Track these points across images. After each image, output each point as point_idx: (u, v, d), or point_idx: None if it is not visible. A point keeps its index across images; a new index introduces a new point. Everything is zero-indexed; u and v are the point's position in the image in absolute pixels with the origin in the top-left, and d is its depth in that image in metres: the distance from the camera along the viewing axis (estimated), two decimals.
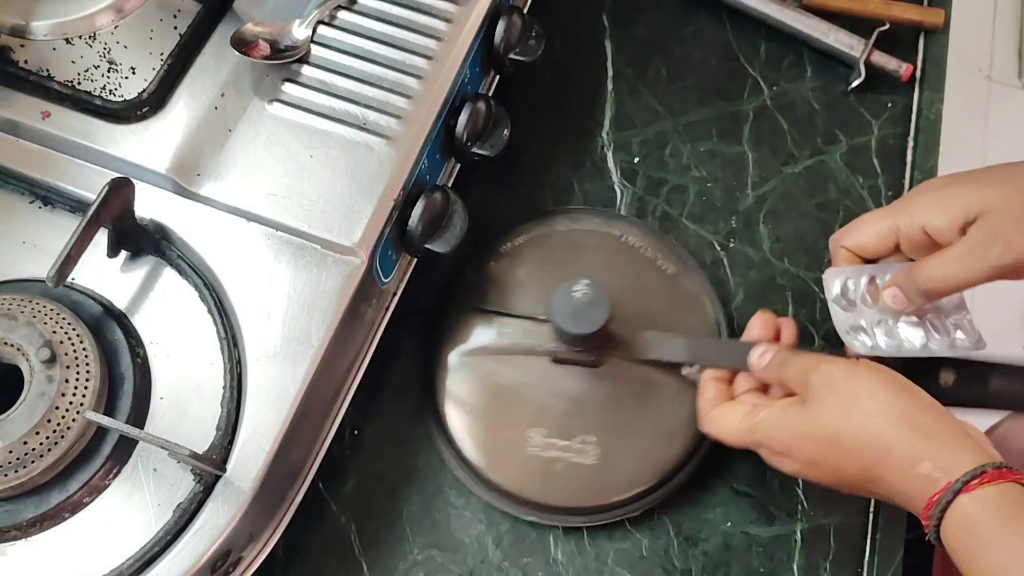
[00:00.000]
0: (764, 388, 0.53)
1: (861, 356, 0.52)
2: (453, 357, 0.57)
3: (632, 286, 0.59)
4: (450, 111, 0.57)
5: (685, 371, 0.56)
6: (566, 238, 0.61)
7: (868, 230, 0.53)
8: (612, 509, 0.55)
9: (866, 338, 0.53)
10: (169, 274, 0.52)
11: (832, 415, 0.46)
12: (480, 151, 0.58)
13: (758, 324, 0.54)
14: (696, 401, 0.53)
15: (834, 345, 0.57)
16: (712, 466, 0.57)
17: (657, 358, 0.55)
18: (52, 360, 0.46)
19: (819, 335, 0.61)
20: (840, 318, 0.54)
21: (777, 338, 0.54)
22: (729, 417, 0.51)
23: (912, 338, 0.53)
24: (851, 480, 0.47)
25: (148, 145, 0.52)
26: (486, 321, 0.58)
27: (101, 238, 0.50)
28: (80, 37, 0.55)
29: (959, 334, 0.53)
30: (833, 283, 0.54)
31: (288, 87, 0.54)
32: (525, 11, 0.63)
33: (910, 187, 0.66)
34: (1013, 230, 0.47)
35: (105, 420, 0.45)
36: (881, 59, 0.68)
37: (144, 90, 0.53)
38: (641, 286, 0.59)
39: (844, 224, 0.56)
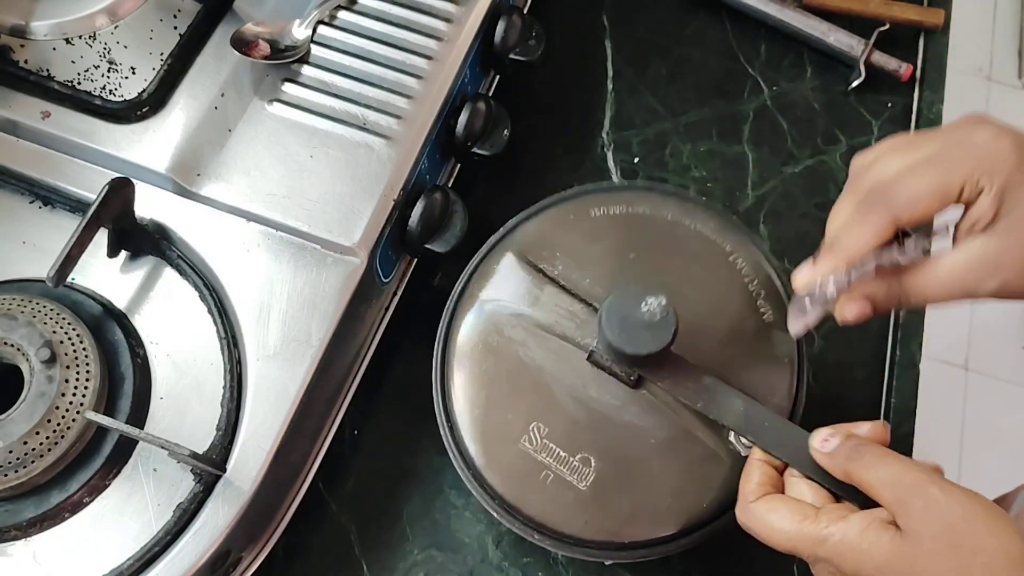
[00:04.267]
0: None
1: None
2: (484, 302, 0.50)
3: (718, 306, 0.50)
4: (450, 111, 0.57)
5: (732, 437, 0.47)
6: (669, 229, 0.52)
7: (922, 197, 0.41)
8: (583, 546, 0.47)
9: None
10: (169, 274, 0.52)
11: (943, 562, 0.37)
12: (480, 151, 0.58)
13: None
14: (740, 483, 0.44)
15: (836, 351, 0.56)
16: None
17: (705, 412, 0.46)
18: (52, 360, 0.46)
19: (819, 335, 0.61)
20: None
21: None
22: (779, 516, 0.41)
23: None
24: None
25: (148, 145, 0.52)
26: (534, 282, 0.50)
27: (101, 238, 0.50)
28: (80, 37, 0.55)
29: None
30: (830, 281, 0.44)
31: (288, 87, 0.54)
32: (525, 11, 0.63)
33: None
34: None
35: (105, 420, 0.45)
36: (881, 59, 0.68)
37: (144, 90, 0.53)
38: (729, 310, 0.50)
39: None
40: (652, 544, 0.47)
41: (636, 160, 0.66)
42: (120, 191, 0.49)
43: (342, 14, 0.57)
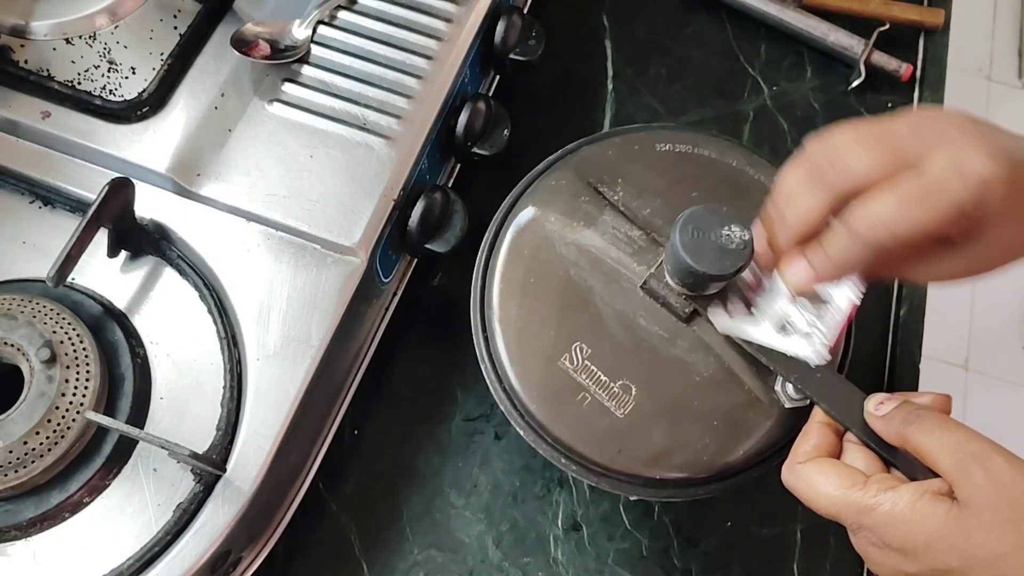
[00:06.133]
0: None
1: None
2: (537, 216, 0.49)
3: None
4: (450, 111, 0.57)
5: (778, 387, 0.46)
6: (733, 175, 0.51)
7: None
8: (611, 477, 0.46)
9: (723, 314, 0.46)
10: (169, 274, 0.52)
11: (1001, 536, 0.35)
12: (480, 151, 0.58)
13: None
14: (795, 443, 0.43)
15: None
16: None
17: (755, 354, 0.45)
18: (52, 360, 0.46)
19: None
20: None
21: None
22: (827, 480, 0.40)
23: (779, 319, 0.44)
24: None
25: (148, 145, 0.52)
26: (593, 203, 0.50)
27: (101, 238, 0.50)
28: (80, 37, 0.55)
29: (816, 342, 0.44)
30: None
31: (288, 87, 0.54)
32: (525, 11, 0.63)
33: None
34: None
35: (105, 420, 0.45)
36: (881, 59, 0.68)
37: (144, 90, 0.53)
38: None
39: None
40: (682, 485, 0.46)
41: None
42: (120, 191, 0.49)
43: (342, 14, 0.57)
